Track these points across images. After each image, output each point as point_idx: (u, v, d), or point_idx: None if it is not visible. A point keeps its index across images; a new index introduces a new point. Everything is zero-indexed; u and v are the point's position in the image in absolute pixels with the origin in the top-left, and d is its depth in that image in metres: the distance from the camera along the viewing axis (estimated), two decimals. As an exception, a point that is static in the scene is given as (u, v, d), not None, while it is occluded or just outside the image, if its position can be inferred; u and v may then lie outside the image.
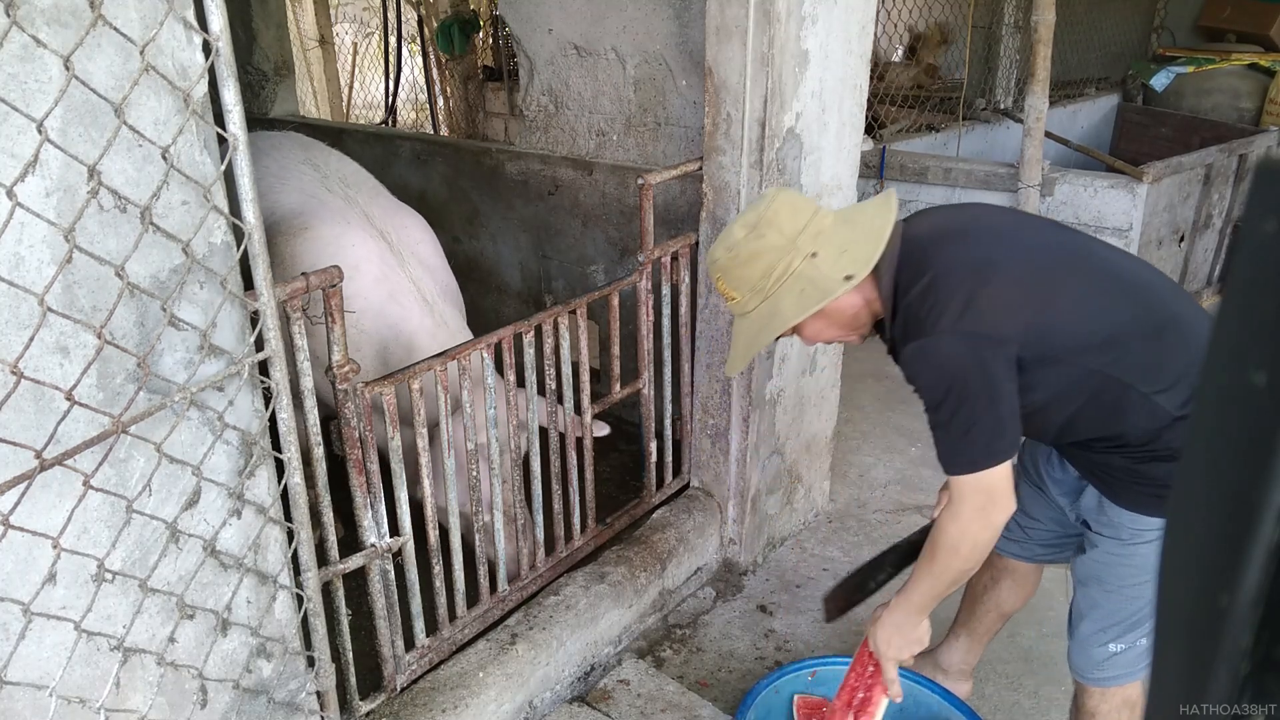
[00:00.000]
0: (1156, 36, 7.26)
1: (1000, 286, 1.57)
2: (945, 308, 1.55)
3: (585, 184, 3.32)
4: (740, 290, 1.68)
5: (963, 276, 1.58)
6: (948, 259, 1.61)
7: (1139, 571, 1.75)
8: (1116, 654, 1.82)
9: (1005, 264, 1.60)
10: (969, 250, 1.63)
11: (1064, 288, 1.60)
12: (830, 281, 1.61)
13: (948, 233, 1.68)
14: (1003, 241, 1.67)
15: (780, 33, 2.34)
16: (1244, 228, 0.42)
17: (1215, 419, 0.45)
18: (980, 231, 1.68)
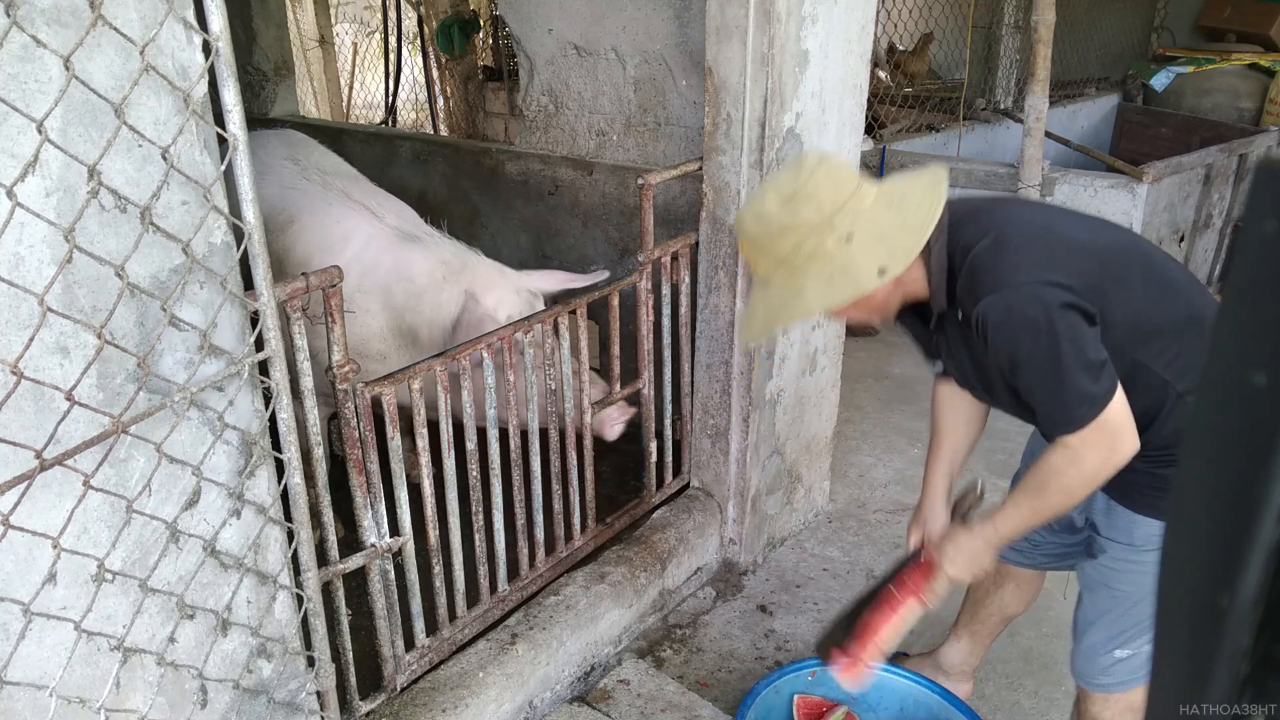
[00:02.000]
0: (1156, 36, 7.27)
1: (1071, 249, 1.51)
2: (1022, 259, 1.48)
3: (585, 184, 3.32)
4: (765, 260, 1.58)
5: (1033, 234, 1.52)
6: (1013, 218, 1.55)
7: (1149, 578, 1.72)
8: (1122, 660, 1.79)
9: (1070, 233, 1.56)
10: (1032, 215, 1.58)
11: (1127, 269, 1.56)
12: (862, 273, 1.51)
13: (1002, 201, 1.63)
14: (1062, 216, 1.63)
15: (780, 33, 2.34)
16: (1244, 228, 0.43)
17: (1215, 419, 0.45)
18: (1036, 206, 1.64)
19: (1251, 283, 0.42)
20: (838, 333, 3.03)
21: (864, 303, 1.60)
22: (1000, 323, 1.49)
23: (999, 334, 1.50)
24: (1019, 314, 1.48)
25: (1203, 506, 0.46)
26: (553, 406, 2.39)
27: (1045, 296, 1.46)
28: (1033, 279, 1.47)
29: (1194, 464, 0.47)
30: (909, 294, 1.64)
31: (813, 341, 2.90)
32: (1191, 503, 0.47)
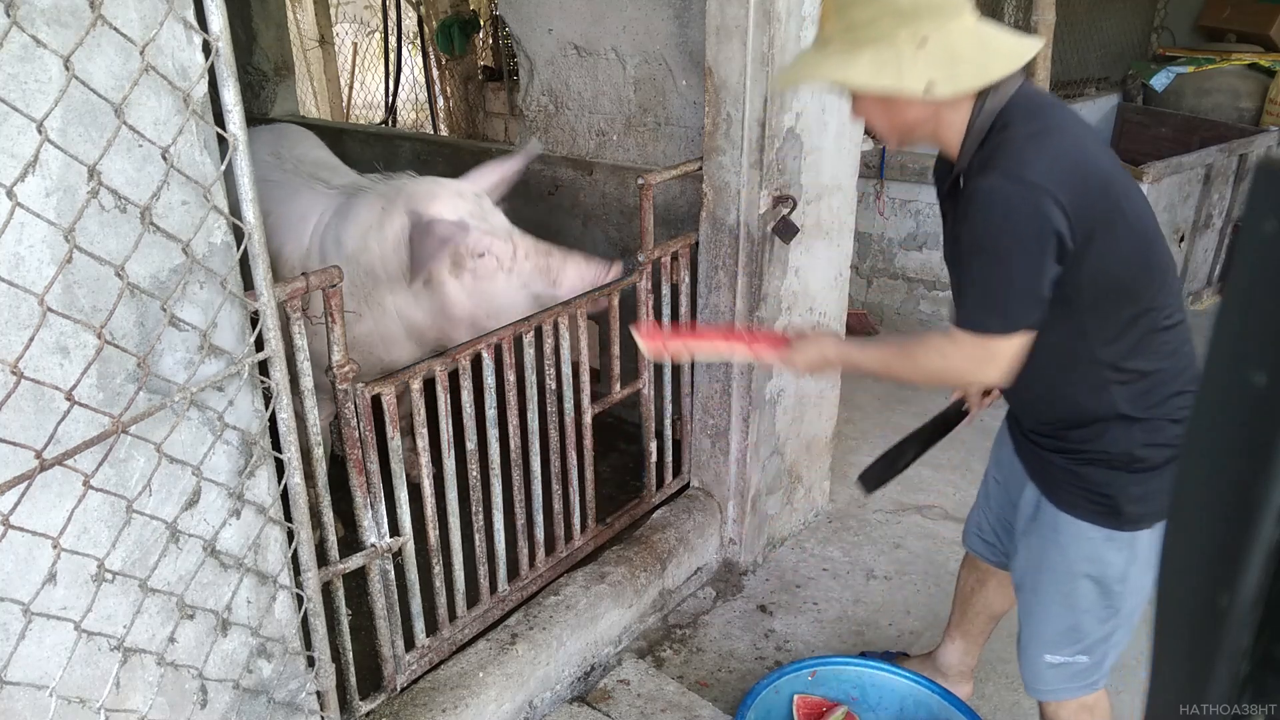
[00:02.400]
0: (1156, 36, 7.27)
1: (1092, 183, 1.48)
2: (1049, 165, 1.44)
3: (585, 184, 3.32)
4: (837, 22, 1.51)
5: (1071, 149, 1.48)
6: (1063, 125, 1.51)
7: (1065, 579, 1.70)
8: (1054, 666, 1.77)
9: (1098, 164, 1.51)
10: (1078, 133, 1.52)
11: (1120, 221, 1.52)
12: (912, 76, 1.46)
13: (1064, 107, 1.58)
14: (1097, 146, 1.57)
15: (780, 33, 2.34)
16: (1244, 228, 0.43)
17: (1215, 419, 0.45)
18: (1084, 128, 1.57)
19: (1251, 283, 0.42)
20: (838, 333, 3.03)
21: (895, 111, 1.55)
22: (990, 204, 1.47)
23: (983, 212, 1.48)
24: (1012, 207, 1.45)
25: (1203, 506, 0.46)
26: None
27: (1043, 209, 1.43)
28: (1045, 186, 1.43)
29: (1194, 464, 0.47)
30: (940, 138, 1.60)
31: (813, 341, 2.90)
32: (1191, 503, 0.47)
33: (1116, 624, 1.71)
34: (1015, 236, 1.45)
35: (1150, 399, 1.57)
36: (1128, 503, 1.60)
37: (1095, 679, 1.78)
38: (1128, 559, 1.65)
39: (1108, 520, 1.63)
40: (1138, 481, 1.59)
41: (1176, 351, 1.58)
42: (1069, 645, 1.75)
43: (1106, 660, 1.76)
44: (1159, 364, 1.56)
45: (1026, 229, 1.44)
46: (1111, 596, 1.68)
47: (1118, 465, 1.59)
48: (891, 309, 5.09)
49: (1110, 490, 1.61)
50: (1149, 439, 1.58)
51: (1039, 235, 1.44)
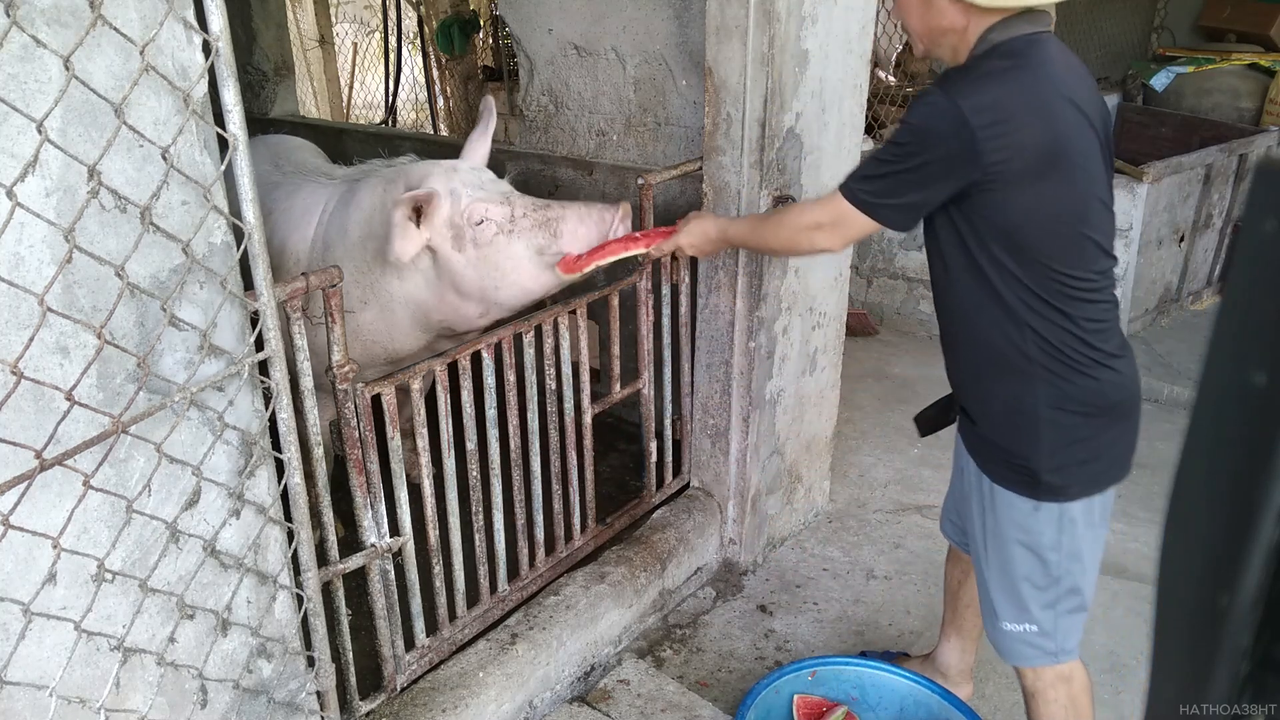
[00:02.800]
0: (1156, 36, 7.26)
1: (1053, 136, 1.54)
2: (989, 95, 1.53)
3: (585, 184, 3.31)
4: None
5: (1030, 96, 1.55)
6: (1043, 82, 1.57)
7: (1003, 547, 1.78)
8: (1012, 633, 1.84)
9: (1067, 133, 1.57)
10: (1060, 103, 1.57)
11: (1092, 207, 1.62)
12: None
13: (1051, 58, 1.62)
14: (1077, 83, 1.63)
15: (780, 33, 2.34)
16: (1244, 228, 0.43)
17: (1215, 419, 0.45)
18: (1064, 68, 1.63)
19: (1251, 283, 0.42)
20: (838, 333, 3.03)
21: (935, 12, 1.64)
22: (918, 107, 1.59)
23: (911, 112, 1.61)
24: (934, 117, 1.56)
25: (1203, 506, 0.46)
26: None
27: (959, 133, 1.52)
28: (969, 117, 1.52)
29: (1194, 464, 0.47)
30: (957, 54, 1.67)
31: (813, 341, 2.90)
32: (1191, 503, 0.47)
33: (1058, 594, 1.78)
34: (921, 143, 1.57)
35: (1059, 360, 1.64)
36: (1044, 472, 1.68)
37: (1055, 649, 1.82)
38: (1057, 529, 1.72)
39: (1029, 490, 1.71)
40: (1050, 451, 1.67)
41: (1095, 321, 1.64)
42: (1017, 613, 1.81)
43: (1059, 630, 1.81)
44: (1071, 328, 1.63)
45: (933, 140, 1.56)
46: (1048, 565, 1.76)
47: (1031, 432, 1.68)
48: (891, 309, 5.09)
49: (1027, 461, 1.69)
50: (1056, 402, 1.65)
51: (942, 154, 1.56)
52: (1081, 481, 1.70)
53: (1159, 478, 3.51)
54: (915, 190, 1.61)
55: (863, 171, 1.70)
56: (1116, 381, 1.66)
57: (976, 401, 1.78)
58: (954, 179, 1.57)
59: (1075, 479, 1.69)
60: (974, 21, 1.62)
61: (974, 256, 1.63)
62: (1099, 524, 1.76)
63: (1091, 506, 1.72)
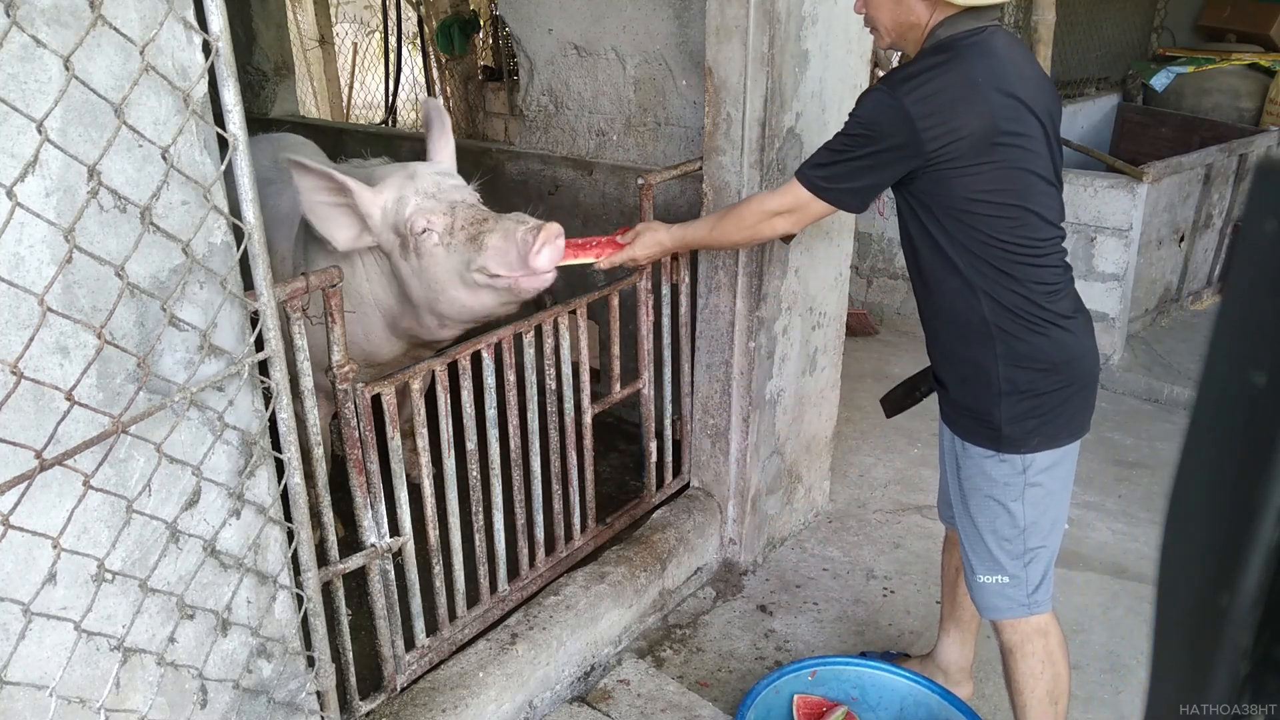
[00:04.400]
0: (1156, 36, 7.26)
1: (986, 123, 1.67)
2: (924, 89, 1.67)
3: (585, 184, 3.31)
4: None
5: (963, 89, 1.67)
6: (976, 75, 1.69)
7: (973, 499, 1.90)
8: (987, 584, 1.94)
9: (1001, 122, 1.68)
10: (994, 94, 1.68)
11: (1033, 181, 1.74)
12: None
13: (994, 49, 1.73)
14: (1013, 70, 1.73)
15: (780, 33, 2.34)
16: (1244, 228, 0.43)
17: (1215, 419, 0.45)
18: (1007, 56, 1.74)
19: (1251, 283, 0.42)
20: (838, 333, 3.03)
21: (905, 8, 1.77)
22: (863, 101, 1.76)
23: (858, 106, 1.77)
24: (877, 109, 1.72)
25: (1203, 506, 0.46)
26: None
27: (899, 123, 1.67)
28: (908, 108, 1.66)
29: (1194, 464, 0.47)
30: (916, 42, 1.81)
31: (813, 341, 2.90)
32: (1191, 503, 0.47)
33: (1025, 545, 1.89)
34: (870, 134, 1.73)
35: (1012, 319, 1.77)
36: (1004, 425, 1.80)
37: (1028, 600, 1.93)
38: (1022, 481, 1.84)
39: (993, 444, 1.84)
40: (1008, 405, 1.80)
41: (1043, 284, 1.77)
42: (990, 565, 1.92)
43: (1031, 579, 1.92)
44: (1021, 290, 1.75)
45: (880, 132, 1.71)
46: (1014, 516, 1.87)
47: (991, 388, 1.80)
48: (891, 309, 5.08)
49: (989, 416, 1.82)
50: (1012, 359, 1.78)
51: (889, 144, 1.71)
52: (1041, 435, 1.81)
53: (1159, 478, 3.51)
54: (866, 175, 1.79)
55: (817, 159, 1.85)
56: (1067, 341, 1.79)
57: (947, 367, 1.91)
58: (901, 165, 1.74)
59: (1034, 432, 1.81)
60: (932, 17, 1.76)
61: (931, 234, 1.79)
62: (1064, 480, 1.89)
63: (1055, 461, 1.84)
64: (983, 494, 1.88)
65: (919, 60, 1.74)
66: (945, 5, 1.73)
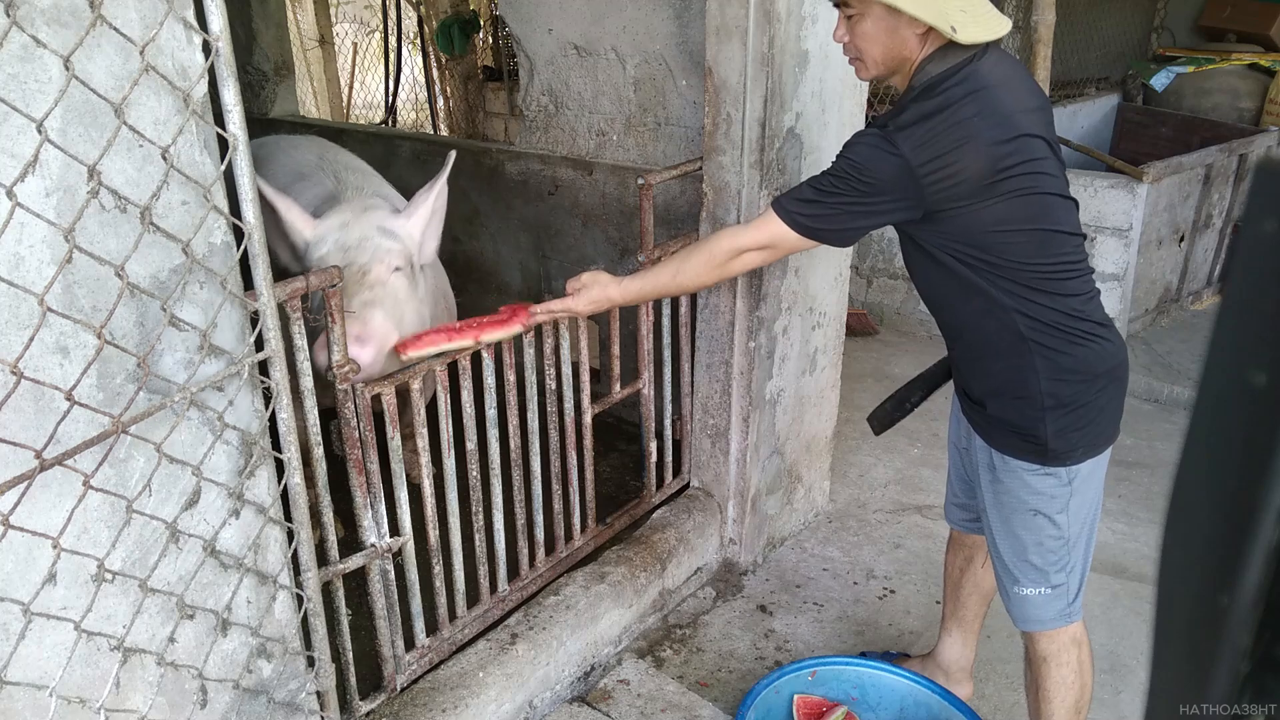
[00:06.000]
0: (1156, 36, 7.26)
1: (987, 163, 1.61)
2: (924, 129, 1.62)
3: (585, 184, 3.31)
4: None
5: (959, 133, 1.62)
6: (974, 108, 1.63)
7: (1016, 514, 1.85)
8: (1028, 597, 1.90)
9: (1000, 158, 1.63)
10: (986, 130, 1.64)
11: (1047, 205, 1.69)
12: (948, 9, 1.62)
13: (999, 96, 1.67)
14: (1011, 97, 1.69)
15: (780, 33, 2.34)
16: (1244, 228, 0.43)
17: (1215, 419, 0.45)
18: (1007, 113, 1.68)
19: (1251, 283, 0.42)
20: (838, 333, 3.03)
21: (898, 39, 1.70)
22: (859, 141, 1.69)
23: (851, 145, 1.70)
24: (871, 154, 1.65)
25: (1203, 506, 0.46)
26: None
27: (894, 172, 1.62)
28: (906, 156, 1.61)
29: (1194, 464, 0.47)
30: (907, 75, 1.75)
31: (813, 341, 2.90)
32: (1191, 503, 0.47)
33: (1068, 553, 1.87)
34: (863, 179, 1.66)
35: (1053, 334, 1.72)
36: (1051, 439, 1.76)
37: (1068, 609, 1.90)
38: (1068, 492, 1.81)
39: (1038, 457, 1.79)
40: (1053, 419, 1.75)
41: (1078, 295, 1.73)
42: (1035, 575, 1.88)
43: (1072, 587, 1.90)
44: (1058, 305, 1.71)
45: (877, 179, 1.65)
46: (1058, 527, 1.84)
47: (1034, 404, 1.76)
48: (891, 309, 5.08)
49: (1034, 431, 1.77)
50: (1054, 373, 1.74)
51: (887, 192, 1.65)
52: (1084, 445, 1.78)
53: (1159, 478, 3.51)
54: (858, 219, 1.72)
55: (801, 195, 1.76)
56: (1108, 350, 1.77)
57: (979, 382, 1.85)
58: (900, 214, 1.69)
59: (1078, 443, 1.77)
60: (924, 49, 1.70)
61: (947, 261, 1.73)
62: (1100, 484, 1.87)
63: (1094, 467, 1.82)
64: (1027, 508, 1.83)
65: (914, 105, 1.67)
66: (939, 37, 1.67)
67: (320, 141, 3.06)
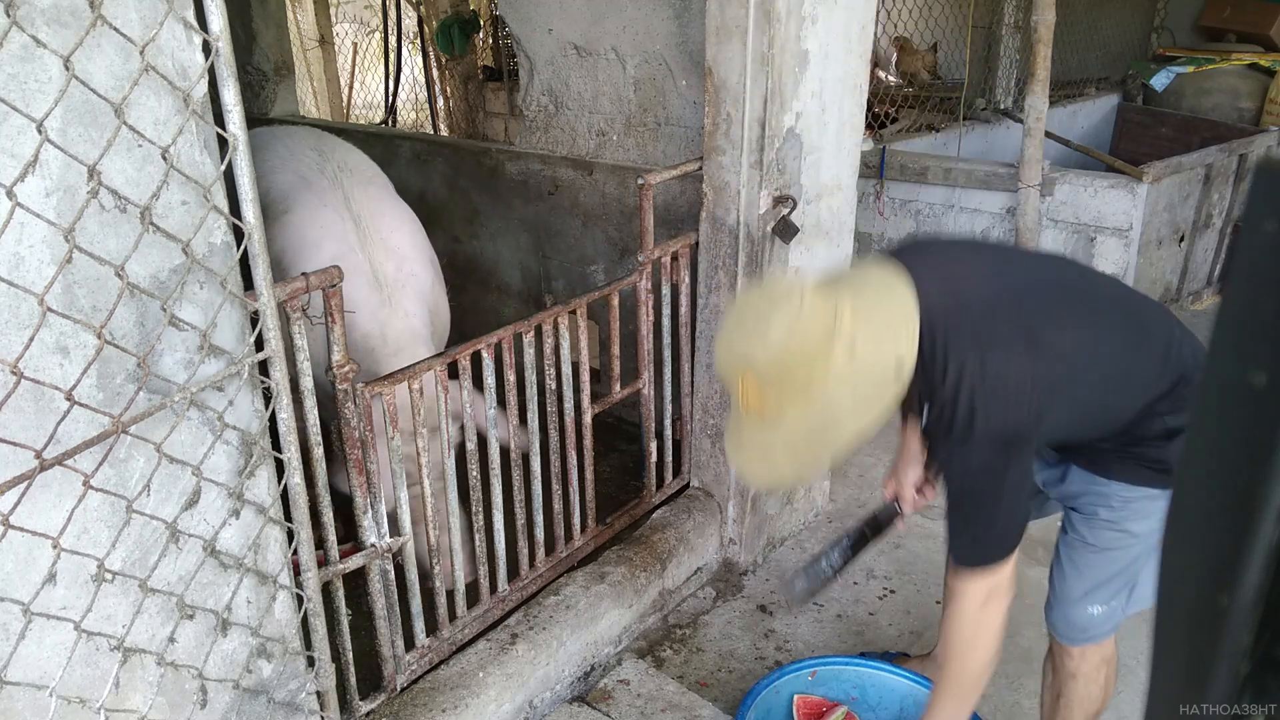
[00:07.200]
0: (1156, 36, 7.26)
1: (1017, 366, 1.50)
2: (976, 410, 1.49)
3: (585, 184, 3.31)
4: (778, 394, 1.45)
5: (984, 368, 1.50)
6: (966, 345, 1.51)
7: (1124, 536, 1.81)
8: (1097, 615, 1.89)
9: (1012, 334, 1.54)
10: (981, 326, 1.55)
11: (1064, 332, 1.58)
12: (882, 374, 1.48)
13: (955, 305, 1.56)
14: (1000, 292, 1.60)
15: (780, 33, 2.34)
16: (1244, 228, 0.42)
17: (1215, 419, 0.45)
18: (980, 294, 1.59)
19: (1251, 283, 0.42)
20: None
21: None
22: (950, 468, 1.58)
23: (946, 473, 1.60)
24: (966, 468, 1.55)
25: (1203, 506, 0.46)
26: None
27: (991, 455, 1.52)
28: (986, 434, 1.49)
29: (1194, 464, 0.47)
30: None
31: (813, 341, 2.90)
32: (1191, 503, 0.47)
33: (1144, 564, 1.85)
34: (984, 485, 1.56)
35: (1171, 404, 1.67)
36: (1172, 459, 1.71)
37: (1116, 624, 1.91)
38: (1161, 508, 1.79)
39: (1163, 481, 1.74)
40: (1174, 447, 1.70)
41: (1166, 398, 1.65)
42: (1115, 594, 1.86)
43: (1126, 603, 1.89)
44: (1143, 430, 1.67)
45: (990, 477, 1.54)
46: (1150, 544, 1.81)
47: (1155, 445, 1.70)
48: (891, 309, 5.07)
49: (1162, 456, 1.71)
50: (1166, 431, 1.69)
51: (1002, 474, 1.53)
52: None
53: (1159, 478, 3.51)
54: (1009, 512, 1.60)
55: (969, 544, 1.66)
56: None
57: (1088, 456, 1.78)
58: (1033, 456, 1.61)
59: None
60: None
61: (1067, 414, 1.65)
62: None
63: None
64: (1137, 532, 1.79)
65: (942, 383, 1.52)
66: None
67: (318, 132, 3.04)
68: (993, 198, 4.53)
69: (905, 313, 1.52)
